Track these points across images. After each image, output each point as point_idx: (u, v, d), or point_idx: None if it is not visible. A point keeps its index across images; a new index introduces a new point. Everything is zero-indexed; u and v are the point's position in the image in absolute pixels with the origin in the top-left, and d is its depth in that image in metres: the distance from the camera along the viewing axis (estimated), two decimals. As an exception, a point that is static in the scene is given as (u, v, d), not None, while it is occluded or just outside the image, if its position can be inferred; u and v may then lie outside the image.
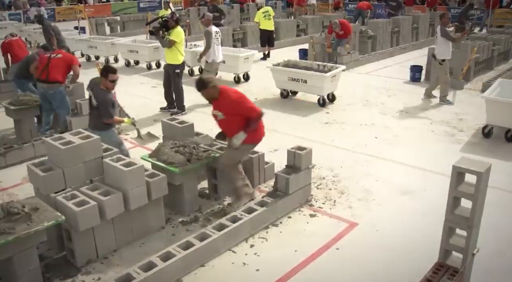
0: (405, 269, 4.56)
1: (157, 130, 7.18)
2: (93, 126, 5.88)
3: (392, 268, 4.59)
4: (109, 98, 5.79)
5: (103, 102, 5.74)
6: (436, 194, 5.98)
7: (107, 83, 5.76)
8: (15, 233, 3.94)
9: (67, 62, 7.62)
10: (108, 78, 5.72)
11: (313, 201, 5.83)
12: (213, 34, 9.64)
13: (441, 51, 9.34)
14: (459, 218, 3.60)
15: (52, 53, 7.65)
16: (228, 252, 4.84)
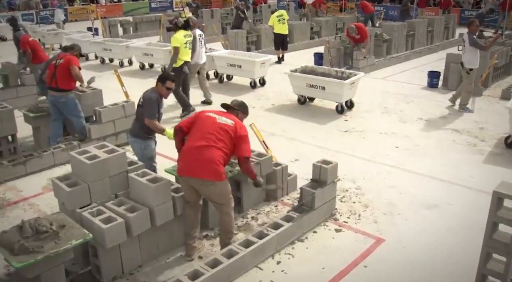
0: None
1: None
2: (132, 133, 5.73)
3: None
4: (157, 98, 5.56)
5: (149, 99, 5.49)
6: (461, 208, 5.89)
7: (163, 90, 5.60)
8: (43, 252, 3.88)
9: (67, 66, 7.21)
10: (166, 85, 5.57)
11: (338, 215, 5.74)
12: (197, 38, 9.70)
13: (470, 60, 9.15)
14: (499, 243, 3.50)
15: (58, 59, 7.41)
16: (255, 269, 4.76)
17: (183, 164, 4.58)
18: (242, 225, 5.53)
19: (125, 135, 7.84)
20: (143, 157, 5.64)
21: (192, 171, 4.49)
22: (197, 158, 4.47)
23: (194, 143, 4.53)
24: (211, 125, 4.59)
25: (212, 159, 4.45)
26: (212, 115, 4.72)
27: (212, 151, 4.47)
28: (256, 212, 5.83)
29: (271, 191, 5.88)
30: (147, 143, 5.68)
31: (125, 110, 7.70)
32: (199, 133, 4.59)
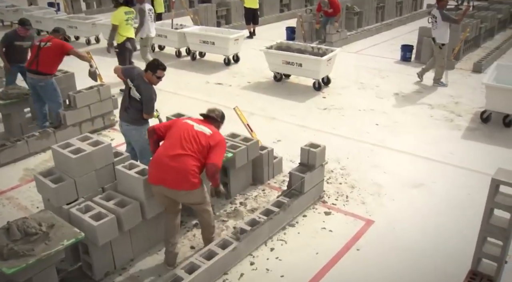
0: (429, 270, 4.53)
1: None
2: (129, 120, 5.49)
3: (415, 270, 4.55)
4: (154, 93, 5.41)
5: (149, 97, 5.32)
6: (445, 186, 5.98)
7: (153, 79, 5.35)
8: (35, 255, 3.69)
9: (57, 51, 7.05)
10: (157, 74, 5.32)
11: (326, 197, 5.73)
12: (146, 12, 9.60)
13: (441, 35, 9.18)
14: (496, 228, 3.55)
15: (42, 41, 7.09)
16: (249, 258, 4.71)
17: (155, 172, 4.22)
18: (231, 212, 5.45)
19: (101, 120, 7.57)
20: (144, 143, 5.44)
21: (166, 180, 4.17)
22: (172, 168, 4.14)
23: (168, 151, 4.22)
24: (187, 133, 4.30)
25: (186, 168, 4.14)
26: (189, 122, 4.46)
27: (186, 160, 4.16)
28: (244, 197, 5.76)
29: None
30: (146, 127, 5.49)
31: (101, 94, 7.38)
32: (174, 140, 4.29)
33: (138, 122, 5.43)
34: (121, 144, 7.14)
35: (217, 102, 8.84)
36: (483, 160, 6.59)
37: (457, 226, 5.18)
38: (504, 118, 7.56)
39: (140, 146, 5.52)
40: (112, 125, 7.78)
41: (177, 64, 11.40)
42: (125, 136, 5.74)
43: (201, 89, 9.61)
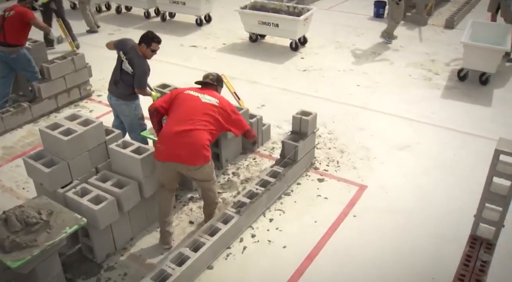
0: (424, 232, 4.66)
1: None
2: (119, 95, 5.23)
3: (411, 233, 4.67)
4: (147, 66, 5.10)
5: (142, 71, 5.03)
6: (430, 147, 6.09)
7: (147, 52, 5.05)
8: (38, 245, 3.54)
9: (20, 19, 6.56)
10: (151, 47, 5.01)
11: (317, 163, 5.74)
12: None
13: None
14: (496, 195, 3.64)
15: (6, 11, 6.60)
16: (249, 230, 4.70)
17: (165, 148, 4.06)
18: (225, 183, 5.38)
19: (77, 91, 7.21)
20: (134, 118, 5.22)
21: (179, 156, 4.03)
22: (185, 143, 4.01)
23: (179, 126, 4.03)
24: (196, 106, 4.15)
25: (201, 143, 4.03)
26: (194, 93, 4.27)
27: (199, 134, 4.03)
28: (235, 167, 5.69)
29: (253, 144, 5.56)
30: (136, 102, 5.28)
31: (75, 64, 6.97)
32: (183, 114, 4.12)
33: (128, 98, 5.18)
34: (101, 115, 6.88)
35: (195, 66, 8.58)
36: (463, 119, 6.71)
37: (445, 186, 5.31)
38: (481, 76, 7.67)
39: (129, 121, 5.31)
40: (89, 95, 7.43)
41: (146, 26, 10.87)
42: (113, 109, 5.48)
43: (177, 52, 9.25)
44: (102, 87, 7.73)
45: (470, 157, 5.84)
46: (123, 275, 4.18)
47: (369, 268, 4.27)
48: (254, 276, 4.19)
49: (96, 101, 7.35)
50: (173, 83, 6.01)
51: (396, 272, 4.23)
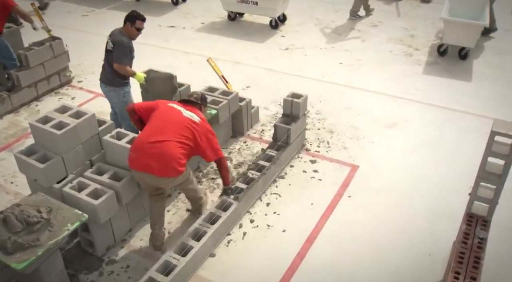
0: (417, 209, 4.77)
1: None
2: (106, 81, 5.05)
3: (405, 211, 4.77)
4: (128, 43, 4.89)
5: (121, 46, 4.82)
6: (416, 124, 6.18)
7: (132, 31, 4.87)
8: (41, 244, 3.46)
9: (1, 6, 6.27)
10: (136, 25, 4.82)
11: (308, 145, 5.75)
12: None
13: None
14: (492, 175, 3.73)
15: None
16: (247, 215, 4.71)
17: (137, 157, 3.87)
18: (219, 168, 5.34)
19: (57, 77, 6.95)
20: (123, 105, 5.07)
21: (150, 167, 3.81)
22: (155, 154, 3.80)
23: (153, 137, 3.84)
24: (175, 118, 3.98)
25: (172, 155, 3.81)
26: (176, 107, 4.09)
27: (171, 146, 3.82)
28: (227, 151, 5.64)
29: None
30: (125, 89, 5.11)
31: (54, 50, 6.71)
32: (160, 125, 3.93)
33: (115, 83, 5.02)
34: (84, 102, 6.69)
35: (176, 48, 8.40)
36: (446, 95, 6.82)
37: (436, 164, 5.41)
38: (460, 51, 7.77)
39: (119, 108, 5.17)
40: (69, 82, 7.18)
41: (121, 6, 10.52)
42: (106, 97, 5.32)
43: (155, 33, 8.99)
44: (81, 73, 7.50)
45: (456, 133, 5.96)
46: (126, 267, 4.14)
47: (367, 247, 4.35)
48: (256, 261, 4.21)
49: (77, 87, 7.11)
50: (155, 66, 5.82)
51: (393, 250, 4.32)
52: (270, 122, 6.21)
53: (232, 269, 4.13)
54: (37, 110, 6.51)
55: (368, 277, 4.07)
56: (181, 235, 4.30)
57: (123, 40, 4.82)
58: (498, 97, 6.73)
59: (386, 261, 4.21)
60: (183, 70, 7.26)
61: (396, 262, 4.20)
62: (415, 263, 4.20)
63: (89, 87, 7.08)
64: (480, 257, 3.64)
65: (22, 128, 6.10)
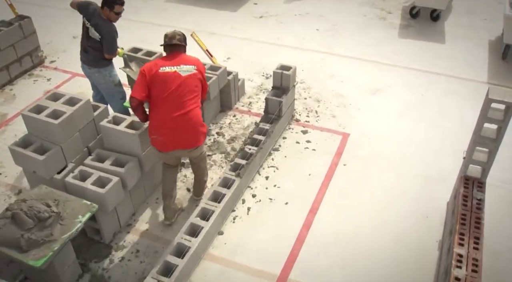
0: (410, 173, 4.91)
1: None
2: (90, 63, 4.81)
3: (399, 175, 4.91)
4: (115, 30, 4.68)
5: (111, 37, 4.63)
6: (398, 88, 6.29)
7: (111, 15, 4.61)
8: (56, 239, 3.36)
9: None
10: (114, 9, 4.57)
11: (297, 115, 5.75)
12: None
13: None
14: (487, 139, 3.87)
15: None
16: (249, 190, 4.72)
17: (164, 139, 3.83)
18: (212, 145, 5.29)
19: (29, 58, 6.57)
20: (110, 85, 4.87)
21: (180, 143, 3.87)
22: (182, 128, 3.79)
23: (172, 112, 3.73)
24: (180, 84, 3.76)
25: (197, 123, 3.87)
26: (169, 69, 3.78)
27: (194, 115, 3.82)
28: (218, 126, 5.57)
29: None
30: (110, 69, 4.88)
31: (23, 30, 6.29)
32: (171, 98, 3.74)
33: (100, 64, 4.79)
34: (60, 84, 6.39)
35: (148, 20, 8.10)
36: (423, 58, 6.93)
37: (423, 128, 5.55)
38: (432, 13, 7.85)
39: (106, 89, 4.95)
40: (42, 62, 6.79)
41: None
42: (90, 80, 5.08)
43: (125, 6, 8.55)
44: (52, 52, 7.11)
45: (436, 95, 6.11)
46: (136, 252, 4.10)
47: (367, 213, 4.47)
48: (264, 235, 4.26)
49: (51, 68, 6.75)
50: (151, 48, 5.60)
51: (392, 214, 4.46)
52: (256, 94, 6.15)
53: (241, 245, 4.17)
54: (12, 95, 6.16)
55: (372, 241, 4.20)
56: (187, 215, 4.30)
57: (110, 30, 4.63)
58: (471, 58, 6.91)
59: (387, 225, 4.35)
60: (158, 45, 7.00)
61: (396, 225, 4.35)
62: (414, 225, 4.37)
63: (63, 67, 6.74)
64: (480, 217, 3.82)
65: (0, 115, 5.78)
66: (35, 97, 6.06)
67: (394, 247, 4.16)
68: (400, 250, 4.14)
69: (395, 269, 3.98)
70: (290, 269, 3.96)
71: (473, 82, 6.40)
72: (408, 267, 4.00)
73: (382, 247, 4.16)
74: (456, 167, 4.75)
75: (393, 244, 4.18)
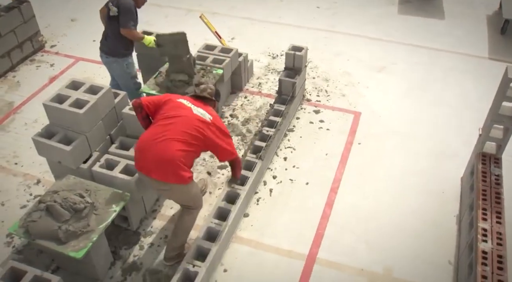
0: (423, 150, 4.96)
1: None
2: (108, 51, 4.64)
3: (413, 152, 4.95)
4: (132, 4, 4.50)
5: (126, 8, 4.41)
6: (404, 66, 6.30)
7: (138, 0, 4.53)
8: (93, 229, 3.32)
9: None
10: None
11: (308, 95, 5.72)
12: None
13: None
14: (504, 117, 3.91)
15: None
16: (269, 172, 4.71)
17: (140, 157, 3.37)
18: (227, 127, 5.20)
19: (29, 44, 6.34)
20: (127, 77, 4.74)
21: (149, 169, 3.31)
22: (152, 153, 3.28)
23: (156, 135, 3.32)
24: (185, 116, 3.40)
25: (171, 155, 3.25)
26: (186, 103, 3.51)
27: (171, 145, 3.27)
28: (230, 108, 5.51)
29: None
30: (128, 60, 4.73)
31: (23, 15, 6.05)
32: (168, 123, 3.38)
33: (118, 54, 4.64)
34: (65, 69, 6.22)
35: (147, 1, 7.81)
36: (423, 34, 6.93)
37: (429, 104, 5.59)
38: (429, -13, 7.82)
39: (123, 80, 4.82)
40: (42, 47, 6.57)
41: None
42: (107, 68, 4.93)
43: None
44: (52, 36, 6.88)
45: (439, 72, 6.14)
46: (164, 237, 4.07)
47: (386, 190, 4.52)
48: (289, 214, 4.28)
49: (52, 52, 6.53)
50: (154, 30, 5.43)
51: (408, 190, 4.51)
52: (265, 75, 6.08)
53: (268, 226, 4.18)
54: (16, 82, 5.96)
55: (392, 217, 4.26)
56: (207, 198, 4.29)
57: (128, 3, 4.43)
58: (471, 33, 6.94)
59: (405, 201, 4.40)
60: (161, 26, 6.86)
61: (413, 201, 4.41)
62: (431, 200, 4.43)
63: (65, 52, 6.54)
64: (500, 192, 3.90)
65: (7, 103, 5.60)
66: (40, 84, 5.90)
67: (414, 222, 4.22)
68: (420, 225, 4.21)
69: (417, 243, 4.06)
70: (318, 248, 4.00)
71: (474, 58, 6.44)
72: (429, 241, 4.07)
73: (402, 223, 4.22)
74: (464, 142, 4.86)
75: (413, 219, 4.25)
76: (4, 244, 3.97)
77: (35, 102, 5.59)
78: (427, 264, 3.89)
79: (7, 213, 4.25)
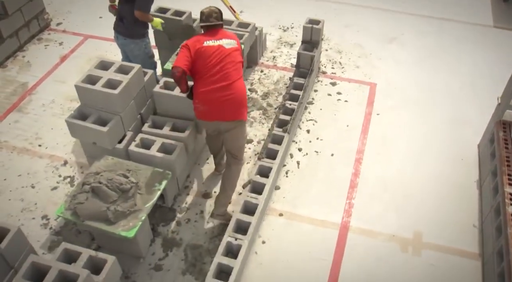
0: (440, 118, 5.02)
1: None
2: (125, 33, 4.49)
3: (430, 120, 5.00)
4: None
5: None
6: (413, 36, 6.29)
7: None
8: (141, 209, 3.31)
9: None
10: None
11: (323, 68, 5.69)
12: None
13: None
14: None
15: None
16: (294, 145, 4.72)
17: (207, 108, 3.55)
18: (248, 101, 5.17)
19: (36, 22, 6.12)
20: (145, 57, 4.62)
21: (223, 114, 3.56)
22: (226, 99, 3.50)
23: (215, 84, 3.49)
24: (225, 56, 3.55)
25: (241, 95, 3.58)
26: (213, 43, 3.58)
27: (238, 86, 3.56)
28: (248, 82, 5.45)
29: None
30: (146, 41, 4.59)
31: (30, -8, 5.82)
32: (216, 69, 3.52)
33: (136, 35, 4.49)
34: (75, 47, 6.04)
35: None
36: (429, 3, 6.89)
37: (442, 74, 5.62)
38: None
39: (140, 60, 4.67)
40: (48, 25, 6.34)
41: None
42: (122, 50, 4.78)
43: None
44: (56, 13, 6.65)
45: (450, 42, 6.14)
46: (200, 213, 4.09)
47: (407, 157, 4.58)
48: (318, 185, 4.31)
49: (59, 31, 6.32)
50: (172, 6, 5.27)
51: (429, 158, 4.58)
52: (278, 48, 6.01)
53: (299, 197, 4.22)
54: (26, 62, 5.77)
55: (416, 184, 4.34)
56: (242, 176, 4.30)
57: None
58: (475, 2, 6.92)
59: (427, 169, 4.47)
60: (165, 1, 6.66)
61: (435, 168, 4.49)
62: (451, 167, 4.52)
63: (72, 29, 6.33)
64: (523, 158, 4.01)
65: (21, 84, 5.44)
66: (51, 63, 5.73)
67: (438, 189, 4.31)
68: (443, 191, 4.30)
69: (442, 209, 4.15)
70: (350, 217, 4.08)
71: (479, 27, 6.45)
72: (453, 206, 4.17)
73: (426, 189, 4.31)
74: (477, 111, 4.94)
75: (436, 186, 4.34)
76: (41, 226, 3.93)
77: (49, 82, 5.45)
78: (453, 228, 4.00)
79: (39, 195, 4.19)
